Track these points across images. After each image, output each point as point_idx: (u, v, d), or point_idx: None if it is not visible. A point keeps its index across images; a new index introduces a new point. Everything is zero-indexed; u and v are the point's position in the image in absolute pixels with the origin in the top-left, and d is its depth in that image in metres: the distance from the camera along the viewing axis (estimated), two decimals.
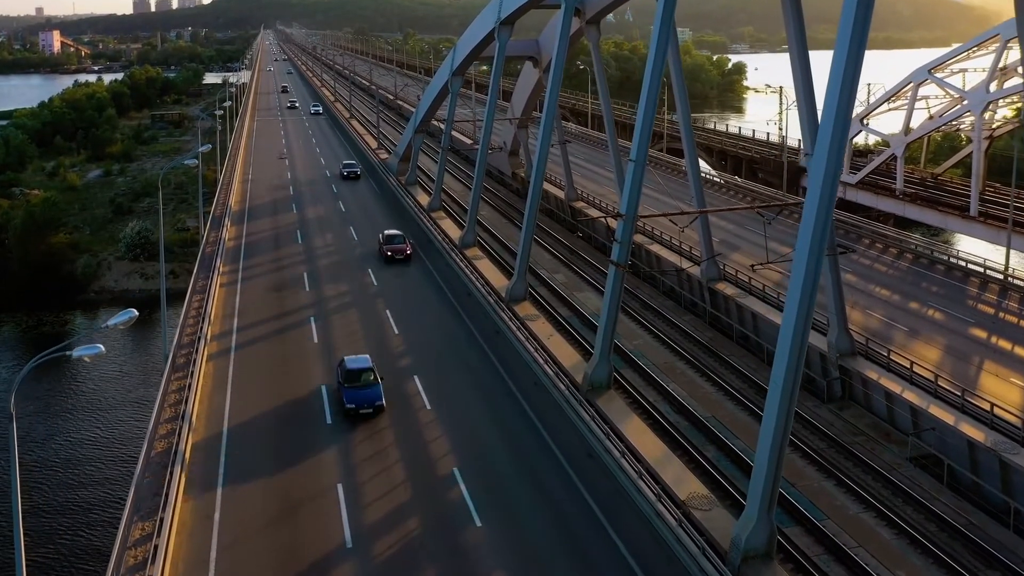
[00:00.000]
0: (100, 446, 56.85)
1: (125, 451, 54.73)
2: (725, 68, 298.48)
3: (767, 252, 43.63)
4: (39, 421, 60.10)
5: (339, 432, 35.69)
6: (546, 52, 73.59)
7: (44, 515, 48.75)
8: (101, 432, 58.77)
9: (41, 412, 61.50)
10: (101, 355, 20.20)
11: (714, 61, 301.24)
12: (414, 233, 69.27)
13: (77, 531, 47.49)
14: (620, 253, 36.47)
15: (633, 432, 33.41)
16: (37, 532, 46.58)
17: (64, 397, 64.36)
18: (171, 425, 34.68)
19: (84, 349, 19.87)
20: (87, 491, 51.28)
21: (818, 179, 24.37)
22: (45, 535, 46.72)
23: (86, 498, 50.48)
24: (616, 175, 62.84)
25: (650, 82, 36.00)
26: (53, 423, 60.00)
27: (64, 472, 53.42)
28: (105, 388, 65.64)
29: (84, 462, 54.80)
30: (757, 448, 26.00)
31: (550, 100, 49.20)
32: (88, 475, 53.18)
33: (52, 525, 47.83)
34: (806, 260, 24.70)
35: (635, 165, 35.98)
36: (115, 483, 51.09)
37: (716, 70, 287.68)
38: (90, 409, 61.96)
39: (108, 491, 50.86)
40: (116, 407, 62.50)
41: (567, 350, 42.85)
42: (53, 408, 62.47)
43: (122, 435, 57.72)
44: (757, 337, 47.28)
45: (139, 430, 50.57)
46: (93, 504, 49.94)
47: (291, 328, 48.04)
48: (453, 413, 37.63)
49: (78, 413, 61.53)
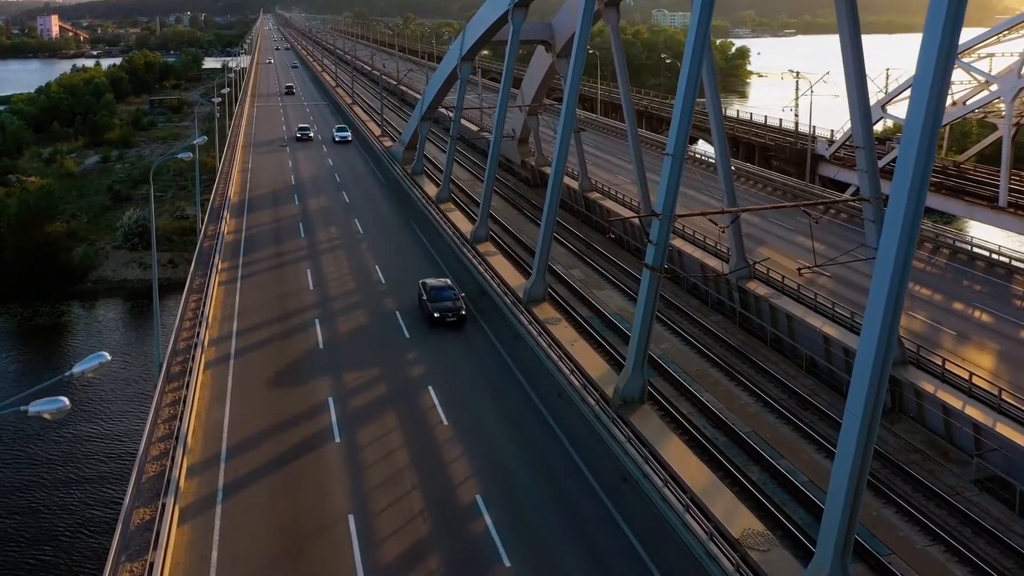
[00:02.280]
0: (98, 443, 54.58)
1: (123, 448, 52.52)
2: (728, 53, 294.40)
3: (814, 255, 40.28)
4: (35, 420, 57.10)
5: (349, 453, 32.57)
6: (560, 36, 70.20)
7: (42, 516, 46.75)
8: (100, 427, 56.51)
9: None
10: (64, 411, 16.83)
11: (717, 45, 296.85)
12: (424, 228, 66.12)
13: (77, 531, 45.52)
14: (656, 256, 33.25)
15: (674, 455, 30.27)
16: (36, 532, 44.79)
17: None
18: (164, 445, 31.62)
19: (44, 403, 16.54)
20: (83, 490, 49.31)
21: (905, 177, 21.06)
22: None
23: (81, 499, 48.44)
24: (635, 166, 59.70)
25: (689, 70, 32.74)
26: (48, 424, 57.16)
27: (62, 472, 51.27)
28: (103, 387, 62.85)
29: (81, 461, 52.63)
30: (830, 487, 22.81)
31: (571, 88, 45.85)
32: (84, 475, 51.07)
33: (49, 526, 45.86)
34: (891, 271, 21.39)
35: (673, 160, 32.74)
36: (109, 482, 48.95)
37: (719, 54, 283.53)
38: (87, 411, 59.16)
39: (103, 492, 48.80)
40: (114, 404, 60.08)
41: (594, 359, 39.65)
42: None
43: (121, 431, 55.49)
44: (792, 340, 44.15)
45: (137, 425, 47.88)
46: (90, 505, 47.90)
47: (295, 332, 44.88)
48: (472, 429, 34.53)
49: (74, 413, 58.72)
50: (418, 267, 56.40)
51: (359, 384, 38.60)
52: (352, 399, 37.06)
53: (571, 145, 79.51)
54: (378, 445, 33.02)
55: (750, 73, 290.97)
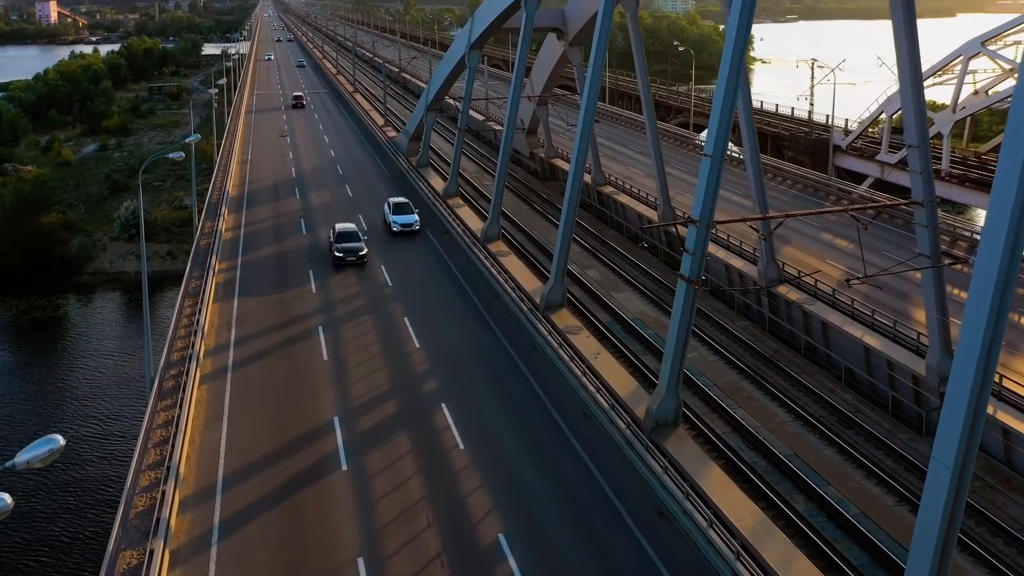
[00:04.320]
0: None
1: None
2: None
3: (864, 264, 37.26)
4: (32, 422, 55.52)
5: (358, 483, 29.67)
6: (573, 23, 67.15)
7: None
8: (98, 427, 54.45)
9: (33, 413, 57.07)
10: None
11: (720, 32, 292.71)
12: (431, 225, 63.19)
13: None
14: (693, 266, 30.23)
15: (717, 489, 27.40)
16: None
17: (56, 402, 59.13)
18: (154, 474, 28.82)
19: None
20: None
21: (1011, 183, 18.02)
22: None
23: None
24: (655, 162, 56.77)
25: (730, 62, 29.78)
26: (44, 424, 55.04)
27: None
28: (103, 387, 60.45)
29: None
30: (913, 549, 19.87)
31: (592, 80, 42.77)
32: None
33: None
34: (991, 290, 18.41)
35: (712, 162, 29.78)
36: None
37: (722, 41, 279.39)
38: (85, 413, 56.72)
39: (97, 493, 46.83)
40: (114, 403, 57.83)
41: (620, 373, 36.68)
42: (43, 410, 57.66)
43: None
44: (827, 350, 41.31)
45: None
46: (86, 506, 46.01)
47: (297, 341, 41.90)
48: (491, 453, 31.66)
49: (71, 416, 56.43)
50: (426, 268, 53.56)
51: (366, 401, 35.70)
52: (359, 418, 34.18)
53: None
54: (389, 473, 30.15)
55: (753, 60, 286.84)
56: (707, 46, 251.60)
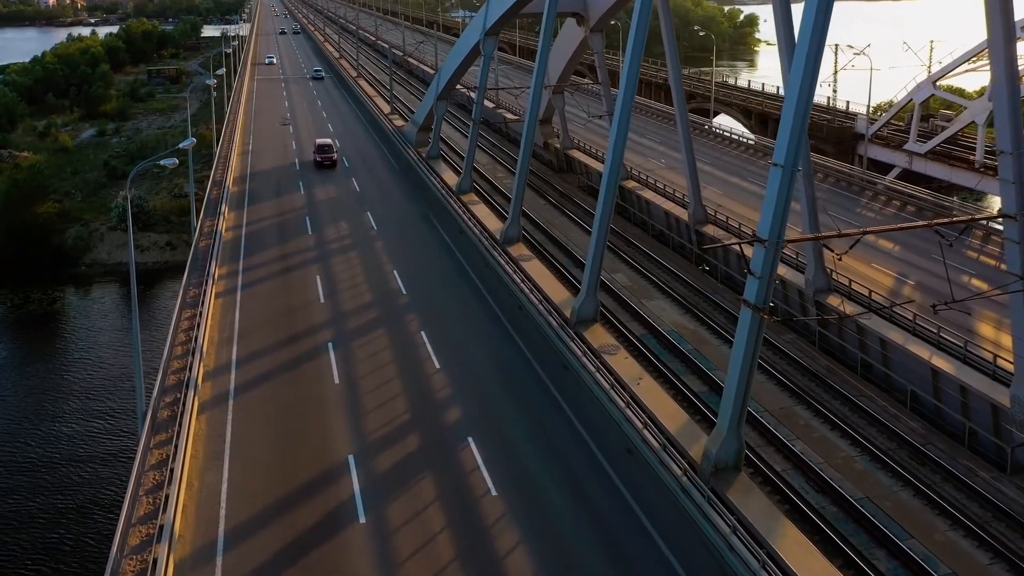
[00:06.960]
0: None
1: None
2: (737, 20, 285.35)
3: (950, 285, 33.28)
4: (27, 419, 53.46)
5: (378, 540, 25.92)
6: (595, 8, 63.11)
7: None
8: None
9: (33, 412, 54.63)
10: None
11: (725, 13, 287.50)
12: (445, 224, 59.36)
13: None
14: (760, 291, 26.38)
15: (795, 556, 23.68)
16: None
17: (53, 399, 56.44)
18: (146, 529, 25.18)
19: None
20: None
21: None
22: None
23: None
24: (685, 159, 52.86)
25: (805, 59, 25.84)
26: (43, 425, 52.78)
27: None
28: (102, 386, 57.57)
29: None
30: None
31: (630, 72, 38.84)
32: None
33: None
34: None
35: (783, 172, 25.92)
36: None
37: (728, 22, 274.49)
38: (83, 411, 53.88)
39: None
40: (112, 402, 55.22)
41: (666, 403, 32.88)
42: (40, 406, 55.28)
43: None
44: (887, 370, 37.50)
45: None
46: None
47: (305, 360, 38.05)
48: (527, 500, 27.92)
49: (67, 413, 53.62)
50: (442, 273, 49.74)
51: (384, 435, 31.91)
52: (377, 456, 30.41)
53: (600, 127, 72.71)
54: (413, 528, 26.39)
55: (759, 41, 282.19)
56: (711, 27, 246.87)
